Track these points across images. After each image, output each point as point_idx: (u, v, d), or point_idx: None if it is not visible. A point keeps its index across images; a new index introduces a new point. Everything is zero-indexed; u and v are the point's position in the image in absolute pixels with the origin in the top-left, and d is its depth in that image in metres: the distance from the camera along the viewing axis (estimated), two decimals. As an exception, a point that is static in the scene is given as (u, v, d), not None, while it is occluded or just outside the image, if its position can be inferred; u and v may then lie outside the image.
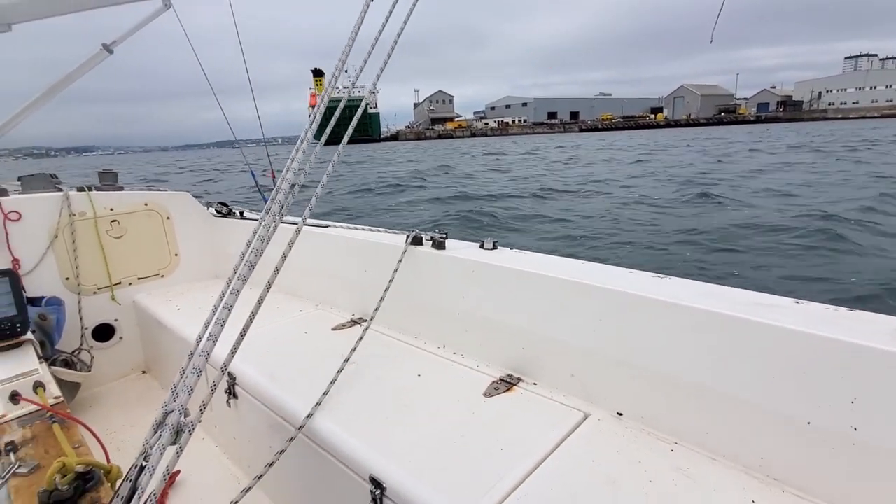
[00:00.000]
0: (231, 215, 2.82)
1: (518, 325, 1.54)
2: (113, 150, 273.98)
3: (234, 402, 1.69)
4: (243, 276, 1.01)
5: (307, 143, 1.23)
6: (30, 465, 1.10)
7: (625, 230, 8.77)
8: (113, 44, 1.87)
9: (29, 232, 2.24)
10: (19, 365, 1.49)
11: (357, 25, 1.34)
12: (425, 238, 1.87)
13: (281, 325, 2.04)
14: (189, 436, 0.87)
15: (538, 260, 1.63)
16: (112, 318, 2.54)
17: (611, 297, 1.31)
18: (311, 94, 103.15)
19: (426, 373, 1.57)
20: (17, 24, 1.89)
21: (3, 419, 1.30)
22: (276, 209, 1.12)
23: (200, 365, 0.93)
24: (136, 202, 2.57)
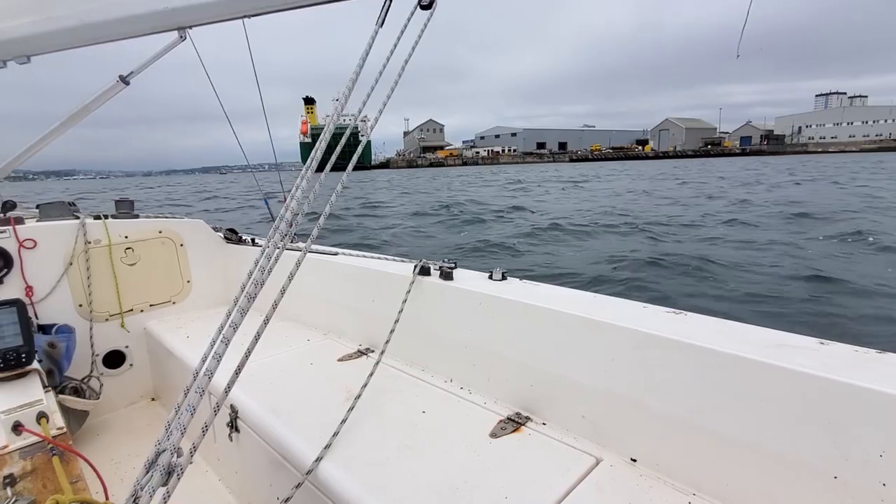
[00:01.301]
0: (242, 242, 2.81)
1: (527, 361, 1.47)
2: (94, 174, 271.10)
3: (237, 436, 1.63)
4: (242, 309, 0.97)
5: (311, 171, 1.21)
6: (26, 500, 1.07)
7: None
8: (130, 75, 1.95)
9: (44, 259, 2.23)
10: (24, 395, 1.46)
11: (363, 58, 1.36)
12: (433, 268, 1.82)
13: (287, 354, 1.98)
14: (178, 479, 0.84)
15: (548, 292, 1.57)
16: (123, 344, 2.51)
17: (623, 335, 1.25)
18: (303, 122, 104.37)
19: (432, 409, 1.50)
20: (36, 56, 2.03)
21: (5, 450, 1.28)
22: (280, 237, 1.10)
23: (195, 402, 0.89)
24: (150, 229, 2.57)
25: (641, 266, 7.99)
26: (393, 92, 1.42)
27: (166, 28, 1.81)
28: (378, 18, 1.51)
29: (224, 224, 3.01)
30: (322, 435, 1.34)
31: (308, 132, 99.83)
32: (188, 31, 1.85)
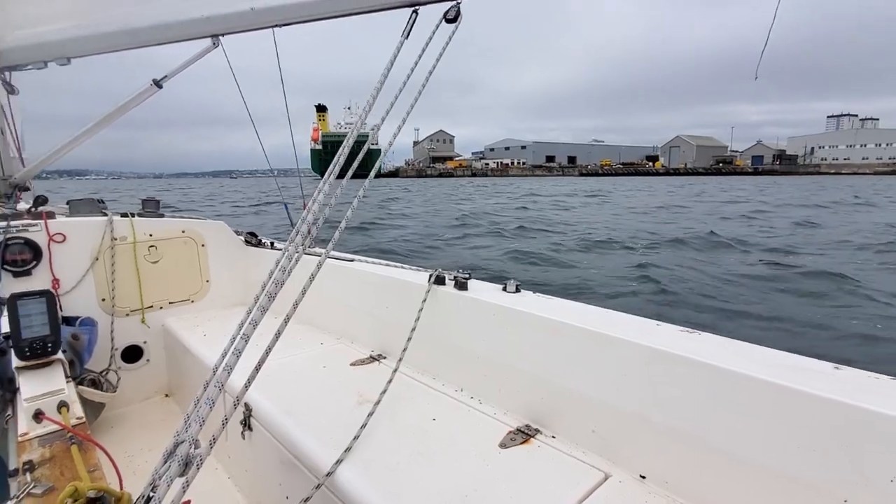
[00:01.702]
0: (261, 245, 2.87)
1: (538, 374, 1.47)
2: (106, 174, 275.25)
3: (249, 434, 1.64)
4: (263, 307, 1.00)
5: (333, 177, 1.24)
6: (44, 487, 1.08)
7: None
8: (163, 79, 2.04)
9: (72, 253, 2.30)
10: (47, 383, 1.49)
11: (387, 69, 1.41)
12: (448, 278, 1.84)
13: (301, 357, 2.01)
14: (197, 469, 0.85)
15: (561, 306, 1.57)
16: (141, 340, 2.56)
17: (635, 351, 1.25)
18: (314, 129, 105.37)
19: (443, 417, 1.51)
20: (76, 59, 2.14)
21: (25, 437, 1.30)
22: (300, 241, 1.13)
23: (214, 396, 0.91)
24: (174, 229, 2.64)
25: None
26: (416, 102, 1.46)
27: (201, 35, 1.89)
28: (404, 30, 1.57)
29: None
30: (335, 437, 1.34)
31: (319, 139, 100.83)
32: (220, 39, 1.95)
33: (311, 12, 1.75)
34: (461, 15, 1.52)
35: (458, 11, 1.51)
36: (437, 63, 1.47)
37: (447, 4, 1.53)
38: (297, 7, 1.75)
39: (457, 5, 1.52)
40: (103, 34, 1.97)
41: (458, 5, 1.51)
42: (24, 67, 2.22)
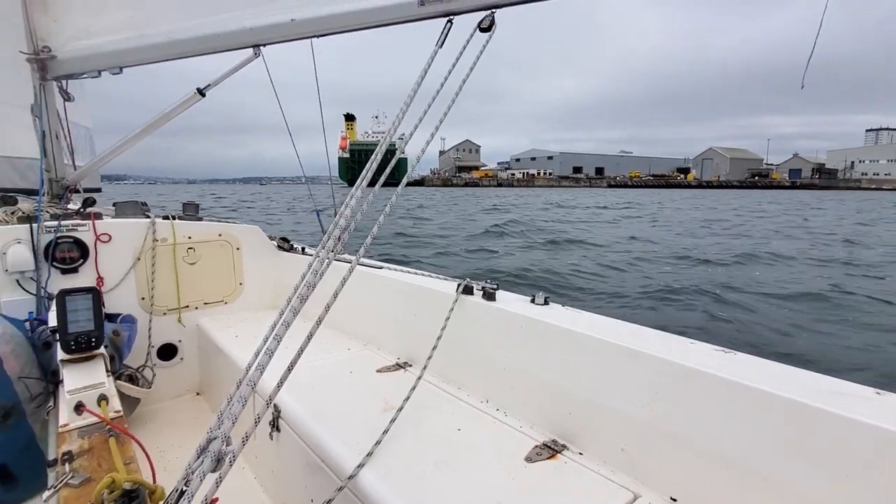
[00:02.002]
0: (293, 250, 2.93)
1: (566, 388, 1.44)
2: (143, 179, 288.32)
3: (277, 435, 1.66)
4: (295, 309, 1.01)
5: (364, 185, 1.26)
6: (81, 477, 1.11)
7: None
8: (206, 88, 2.14)
9: (116, 253, 2.40)
10: (89, 377, 1.55)
11: (421, 76, 1.44)
12: (476, 288, 1.83)
13: (328, 361, 2.03)
14: (230, 465, 0.87)
15: (591, 320, 1.54)
16: (177, 339, 2.64)
17: (669, 369, 1.21)
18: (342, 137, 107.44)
19: (467, 428, 1.49)
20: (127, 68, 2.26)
21: (66, 428, 1.35)
22: (332, 245, 1.15)
23: (246, 394, 0.93)
24: (211, 232, 2.73)
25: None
26: (449, 111, 1.46)
27: (243, 45, 1.96)
28: (438, 39, 1.59)
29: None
30: (361, 442, 1.35)
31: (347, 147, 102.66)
32: (262, 49, 2.03)
33: (349, 23, 1.80)
34: (495, 24, 1.53)
35: (493, 21, 1.51)
36: (471, 72, 1.47)
37: (481, 14, 1.57)
38: (336, 18, 1.80)
39: (491, 15, 1.52)
40: (153, 45, 2.07)
41: (493, 14, 1.52)
42: (80, 76, 2.35)
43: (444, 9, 1.60)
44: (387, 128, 1.47)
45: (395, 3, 1.68)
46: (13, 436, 1.65)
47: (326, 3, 1.82)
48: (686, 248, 14.05)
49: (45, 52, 2.28)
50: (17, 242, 2.12)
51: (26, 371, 1.74)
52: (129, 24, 2.13)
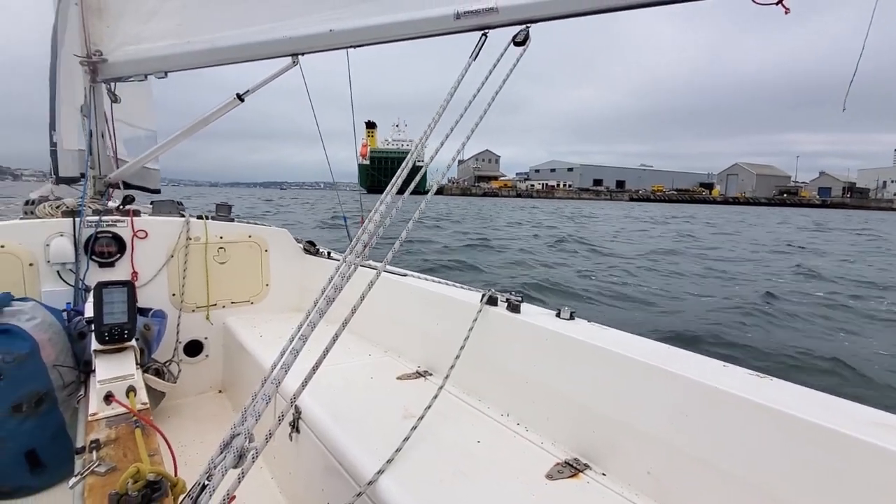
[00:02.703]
0: (318, 254, 2.98)
1: (590, 405, 1.41)
2: (168, 181, 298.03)
3: (296, 436, 1.67)
4: (322, 311, 1.03)
5: (392, 193, 1.29)
6: (107, 466, 1.14)
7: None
8: (245, 93, 2.24)
9: (151, 249, 2.47)
10: (119, 368, 1.58)
11: (454, 88, 1.46)
12: (500, 299, 1.81)
13: (349, 366, 2.04)
14: (252, 462, 0.87)
15: (617, 337, 1.50)
16: (203, 336, 2.70)
17: (701, 391, 1.17)
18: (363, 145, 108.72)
19: (487, 440, 1.47)
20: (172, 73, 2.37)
21: (94, 417, 1.38)
22: (360, 249, 1.16)
23: (270, 392, 0.94)
24: (241, 233, 2.80)
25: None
26: (479, 123, 1.47)
27: (282, 54, 2.03)
28: (472, 52, 1.62)
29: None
30: (380, 448, 1.34)
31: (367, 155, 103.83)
32: (300, 58, 2.11)
33: (385, 35, 1.85)
34: (530, 38, 1.55)
35: (528, 35, 1.54)
36: (504, 85, 1.49)
37: (516, 28, 1.60)
38: (373, 30, 1.85)
39: (526, 29, 1.54)
40: (197, 52, 2.17)
41: (528, 29, 1.54)
42: (127, 79, 2.48)
43: (480, 22, 1.63)
44: (406, 136, 1.47)
45: (431, 17, 1.71)
46: (44, 422, 1.71)
47: (364, 15, 1.86)
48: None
49: (97, 55, 2.41)
50: (59, 235, 2.22)
51: (61, 359, 1.81)
52: (176, 31, 2.24)
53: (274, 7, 2.06)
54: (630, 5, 1.48)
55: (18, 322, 1.71)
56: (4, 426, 1.62)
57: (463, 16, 1.65)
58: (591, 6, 1.49)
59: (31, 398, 1.67)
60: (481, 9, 1.60)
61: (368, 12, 1.86)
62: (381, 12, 1.84)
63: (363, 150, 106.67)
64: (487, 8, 1.59)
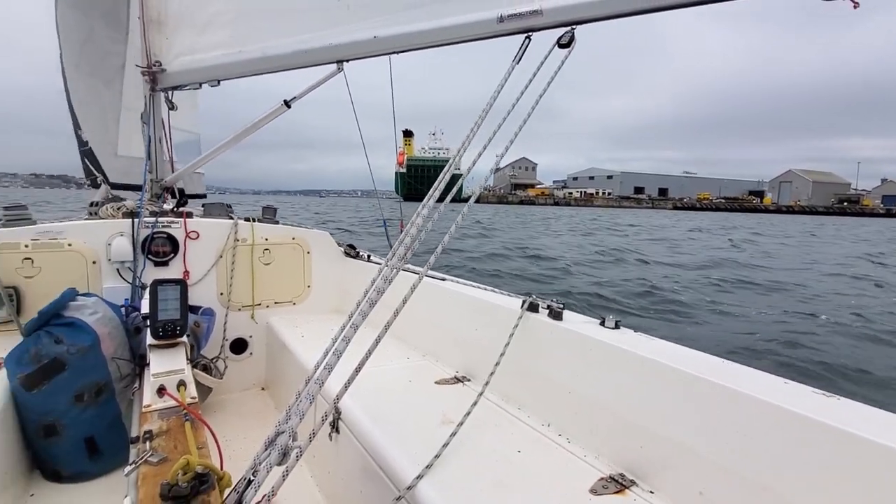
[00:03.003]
0: (359, 257, 3.03)
1: (637, 419, 1.35)
2: (215, 189, 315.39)
3: (336, 436, 1.68)
4: (364, 313, 1.04)
5: (433, 200, 1.30)
6: (159, 457, 1.18)
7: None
8: (292, 100, 2.33)
9: (202, 250, 2.59)
10: (172, 363, 1.64)
11: (496, 92, 1.46)
12: (542, 305, 1.78)
13: (387, 369, 2.05)
14: (296, 460, 0.89)
15: (667, 349, 1.44)
16: (248, 334, 2.79)
17: (760, 409, 1.10)
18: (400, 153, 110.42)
19: (528, 451, 1.43)
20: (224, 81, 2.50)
21: (148, 409, 1.44)
22: (402, 253, 1.18)
23: (314, 392, 0.95)
24: (285, 236, 2.89)
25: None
26: (524, 126, 1.45)
27: (328, 61, 2.09)
28: (515, 56, 1.60)
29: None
30: (419, 453, 1.34)
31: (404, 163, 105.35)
32: (344, 64, 2.18)
33: (429, 40, 1.86)
34: (575, 40, 1.52)
35: (573, 37, 1.51)
36: (548, 87, 1.47)
37: (561, 30, 1.58)
38: (417, 35, 1.87)
39: (572, 31, 1.52)
40: (248, 60, 2.27)
41: (574, 31, 1.52)
42: (184, 88, 2.63)
43: (524, 25, 1.62)
44: (443, 144, 1.47)
45: (474, 21, 1.72)
46: (103, 411, 1.81)
47: (408, 21, 1.89)
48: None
49: (157, 66, 2.56)
50: (120, 235, 2.35)
51: (119, 353, 1.91)
52: (229, 41, 2.35)
53: (320, 15, 2.13)
54: (680, 4, 1.43)
55: (82, 316, 1.82)
56: (67, 414, 1.73)
57: (507, 19, 1.65)
58: (640, 6, 1.45)
59: (91, 388, 1.77)
60: (525, 11, 1.59)
61: (412, 18, 1.89)
62: (424, 18, 1.86)
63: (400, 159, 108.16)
64: (532, 10, 1.58)
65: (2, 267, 2.10)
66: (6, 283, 2.11)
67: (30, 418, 1.70)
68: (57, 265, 2.23)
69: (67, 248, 2.26)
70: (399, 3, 1.93)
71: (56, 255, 2.23)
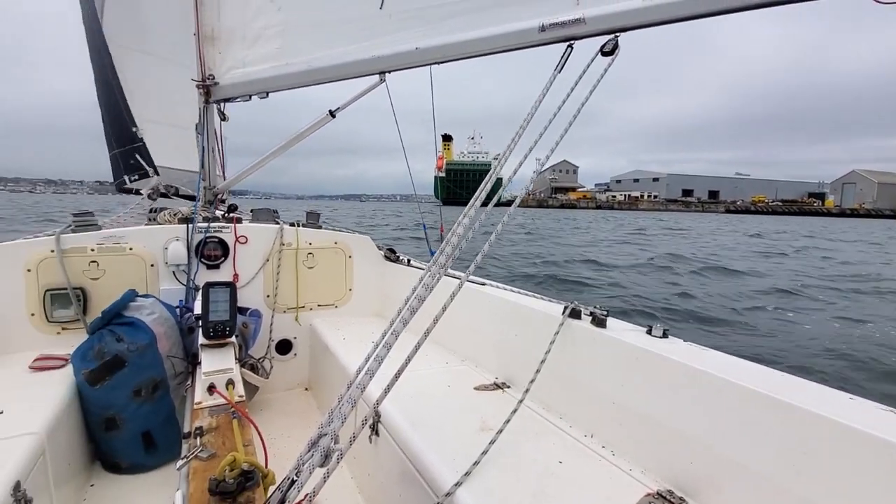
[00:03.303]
0: (399, 262, 3.07)
1: (687, 434, 1.30)
2: (261, 194, 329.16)
3: (376, 439, 1.70)
4: (405, 319, 1.05)
5: (477, 204, 1.31)
6: (208, 452, 1.24)
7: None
8: (337, 110, 2.43)
9: (250, 254, 2.70)
10: (221, 362, 1.73)
11: (538, 101, 1.46)
12: (584, 312, 1.75)
13: (426, 373, 2.06)
14: (337, 462, 0.91)
15: (719, 360, 1.38)
16: (292, 335, 2.87)
17: (822, 426, 1.04)
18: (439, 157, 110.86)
19: (570, 462, 1.40)
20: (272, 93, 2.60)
21: (199, 406, 1.51)
22: (443, 261, 1.19)
23: (355, 396, 0.97)
24: (328, 240, 2.97)
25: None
26: (566, 132, 1.45)
27: (371, 72, 2.15)
28: (557, 64, 1.58)
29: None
30: (457, 460, 1.33)
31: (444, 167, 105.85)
32: (386, 75, 2.23)
33: (469, 50, 1.88)
34: (619, 48, 1.50)
35: (616, 44, 1.50)
36: (591, 95, 1.46)
37: (604, 38, 1.55)
38: (457, 46, 1.89)
39: (615, 38, 1.50)
40: (295, 73, 2.36)
41: (617, 38, 1.50)
42: (235, 100, 2.77)
43: (565, 34, 1.61)
44: (482, 148, 1.47)
45: (515, 30, 1.72)
46: (158, 406, 1.92)
47: (449, 31, 1.92)
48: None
49: (211, 79, 2.71)
50: (176, 240, 2.49)
51: (174, 351, 2.01)
52: (277, 54, 2.46)
53: (363, 27, 2.19)
54: (725, 10, 1.39)
55: (141, 316, 1.94)
56: (127, 408, 1.84)
57: (548, 28, 1.64)
58: (684, 12, 1.41)
59: (148, 384, 1.88)
60: (567, 20, 1.58)
61: (453, 29, 1.91)
62: (464, 28, 1.88)
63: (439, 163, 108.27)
64: (574, 19, 1.56)
65: (71, 269, 2.26)
66: (74, 284, 2.27)
67: (92, 412, 1.82)
68: (119, 267, 2.38)
69: (129, 251, 2.41)
70: (440, 13, 1.95)
71: (119, 259, 2.39)
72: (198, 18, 2.68)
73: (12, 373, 1.90)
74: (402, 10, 2.07)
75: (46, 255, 2.24)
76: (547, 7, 1.64)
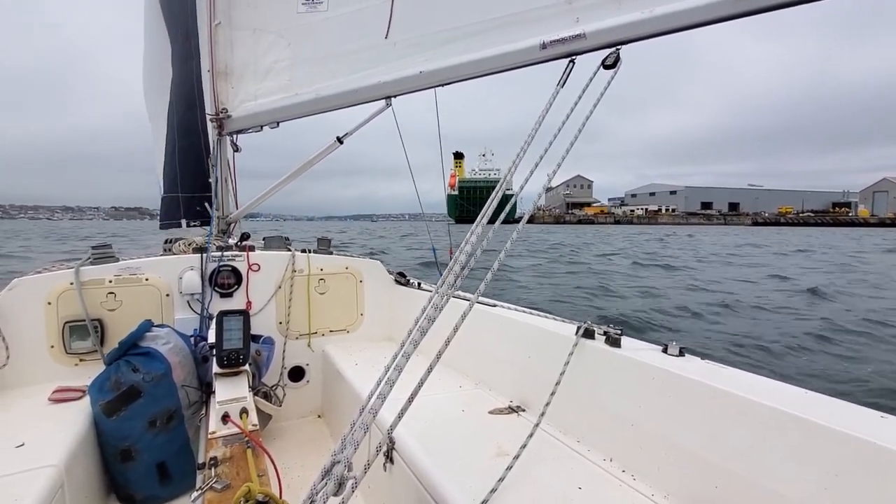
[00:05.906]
0: (409, 285, 3.08)
1: (710, 457, 1.26)
2: (273, 217, 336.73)
3: (390, 466, 1.67)
4: (415, 341, 1.04)
5: (484, 222, 1.30)
6: (223, 483, 1.23)
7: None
8: (344, 136, 2.51)
9: (262, 281, 2.72)
10: (235, 390, 1.72)
11: (542, 116, 1.46)
12: (598, 332, 1.73)
13: (440, 398, 2.03)
14: (352, 491, 0.89)
15: (739, 378, 1.35)
16: (305, 362, 2.87)
17: (854, 447, 1.00)
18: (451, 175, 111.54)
19: (589, 488, 1.36)
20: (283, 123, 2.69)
21: (213, 436, 1.50)
22: (452, 280, 1.18)
23: (368, 422, 0.95)
24: (339, 265, 2.99)
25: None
26: (572, 146, 1.45)
27: (377, 97, 2.20)
28: (560, 79, 1.60)
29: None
30: (474, 486, 1.31)
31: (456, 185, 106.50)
32: (392, 100, 2.29)
33: (471, 71, 1.91)
34: (620, 61, 1.51)
35: (618, 57, 1.51)
36: (595, 109, 1.46)
37: (605, 52, 1.57)
38: (460, 67, 1.92)
39: (616, 52, 1.52)
40: (304, 102, 2.43)
41: (619, 51, 1.51)
42: (247, 131, 2.86)
43: (567, 50, 1.63)
44: (494, 165, 1.47)
45: (517, 49, 1.75)
46: (173, 437, 1.91)
47: (451, 54, 1.95)
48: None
49: (224, 112, 2.80)
50: (190, 269, 2.53)
51: (188, 381, 2.02)
52: (286, 86, 2.54)
53: (369, 57, 2.25)
54: (721, 18, 1.40)
55: (156, 346, 1.95)
56: (142, 439, 1.83)
57: (549, 45, 1.67)
58: (683, 23, 1.43)
59: (163, 415, 1.88)
60: (568, 36, 1.61)
61: (455, 51, 1.95)
62: (466, 50, 1.92)
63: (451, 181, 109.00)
64: (574, 35, 1.59)
65: (89, 301, 2.31)
66: (92, 315, 2.31)
67: (108, 443, 1.82)
68: (135, 298, 2.42)
69: (145, 282, 2.45)
70: (442, 38, 2.00)
71: (135, 289, 2.43)
72: (212, 55, 2.80)
73: (32, 404, 1.93)
74: (406, 37, 2.12)
75: (66, 288, 2.28)
76: (546, 26, 1.67)
